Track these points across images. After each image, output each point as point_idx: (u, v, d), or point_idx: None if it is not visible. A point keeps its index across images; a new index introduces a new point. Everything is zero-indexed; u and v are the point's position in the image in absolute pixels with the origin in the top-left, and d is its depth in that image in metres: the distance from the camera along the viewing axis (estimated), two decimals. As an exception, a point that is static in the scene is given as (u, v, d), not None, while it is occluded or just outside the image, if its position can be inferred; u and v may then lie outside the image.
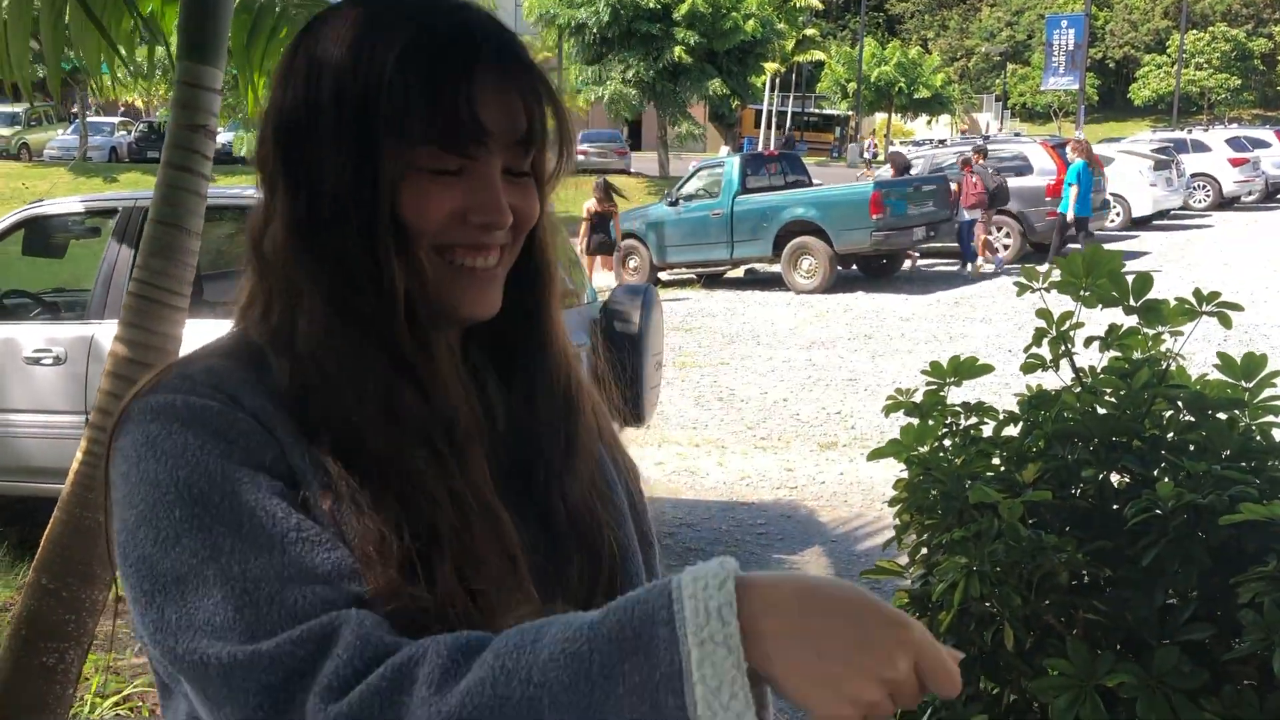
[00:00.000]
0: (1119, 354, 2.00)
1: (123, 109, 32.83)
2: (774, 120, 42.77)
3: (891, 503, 2.04)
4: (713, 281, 15.87)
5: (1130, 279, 1.93)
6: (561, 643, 0.66)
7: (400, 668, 0.68)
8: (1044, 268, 2.08)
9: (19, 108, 35.11)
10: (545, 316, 0.97)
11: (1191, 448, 1.85)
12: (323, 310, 0.85)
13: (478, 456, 0.88)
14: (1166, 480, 1.76)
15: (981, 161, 15.49)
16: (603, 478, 1.00)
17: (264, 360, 0.86)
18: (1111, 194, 17.95)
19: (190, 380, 0.83)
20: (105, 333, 4.76)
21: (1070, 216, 14.63)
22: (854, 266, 15.26)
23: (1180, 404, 1.89)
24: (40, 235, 5.70)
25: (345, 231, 0.85)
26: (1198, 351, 1.99)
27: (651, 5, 28.50)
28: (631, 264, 15.91)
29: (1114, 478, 1.89)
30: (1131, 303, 1.94)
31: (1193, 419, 1.88)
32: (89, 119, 32.47)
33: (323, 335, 0.85)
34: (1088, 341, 1.99)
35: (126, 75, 17.64)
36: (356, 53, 0.85)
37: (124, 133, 33.23)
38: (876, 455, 2.00)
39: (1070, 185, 14.58)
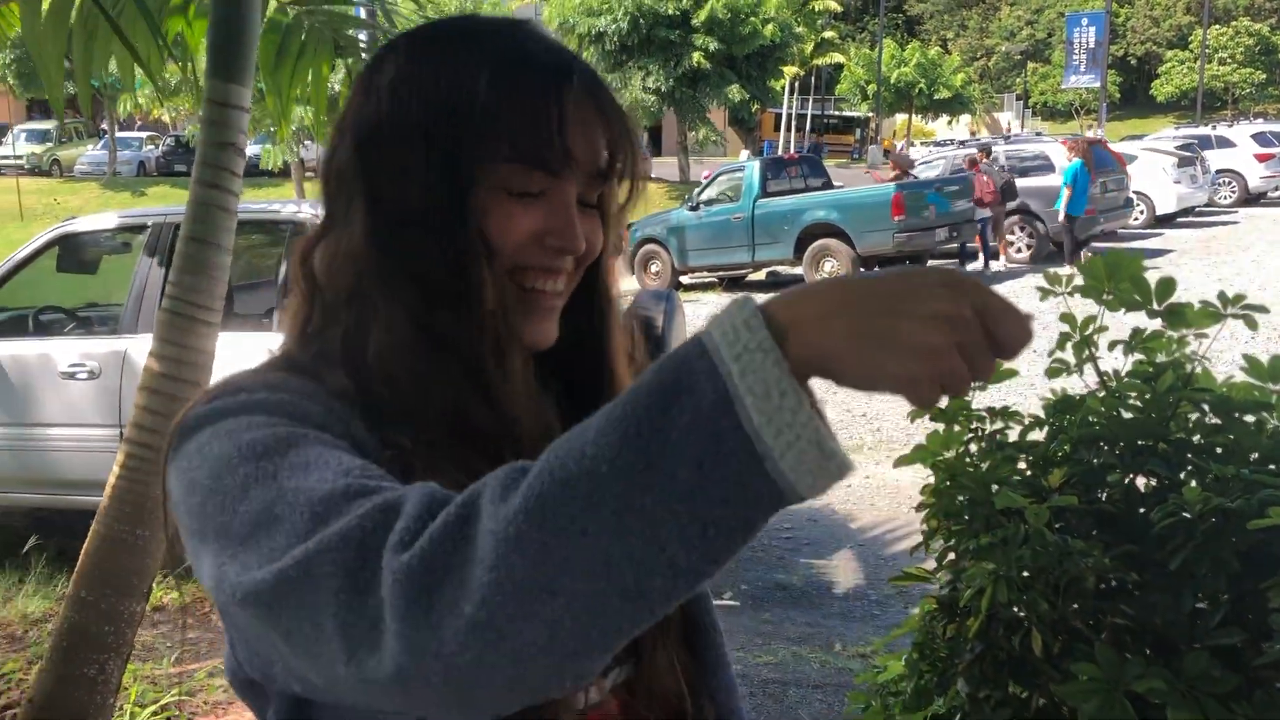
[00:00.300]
0: (1143, 357, 2.00)
1: (140, 124, 33.08)
2: (794, 123, 42.71)
3: (919, 508, 2.06)
4: (734, 285, 15.87)
5: (1153, 282, 1.93)
6: (606, 415, 0.64)
7: (464, 504, 0.66)
8: (1066, 270, 2.08)
9: (50, 124, 35.52)
10: (607, 350, 0.97)
11: (1218, 451, 1.85)
12: (403, 324, 0.85)
13: None
14: (1193, 484, 1.76)
15: (987, 160, 15.56)
16: None
17: (318, 374, 0.86)
18: (1135, 192, 17.82)
19: (244, 390, 0.82)
20: (137, 347, 4.83)
21: (1062, 216, 14.78)
22: (876, 268, 15.23)
23: (1206, 407, 1.89)
24: (73, 252, 5.78)
25: (431, 247, 0.85)
26: (1225, 350, 1.99)
27: (670, 12, 28.54)
28: (653, 268, 15.94)
29: (1140, 481, 1.89)
30: (1155, 306, 1.94)
31: (1219, 422, 1.88)
32: (117, 135, 32.81)
33: (398, 349, 0.85)
34: (1111, 345, 2.00)
35: (153, 92, 17.84)
36: (448, 69, 0.86)
37: (152, 147, 33.59)
38: (903, 462, 2.01)
39: (1066, 186, 14.67)
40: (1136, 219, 18.46)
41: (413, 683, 0.65)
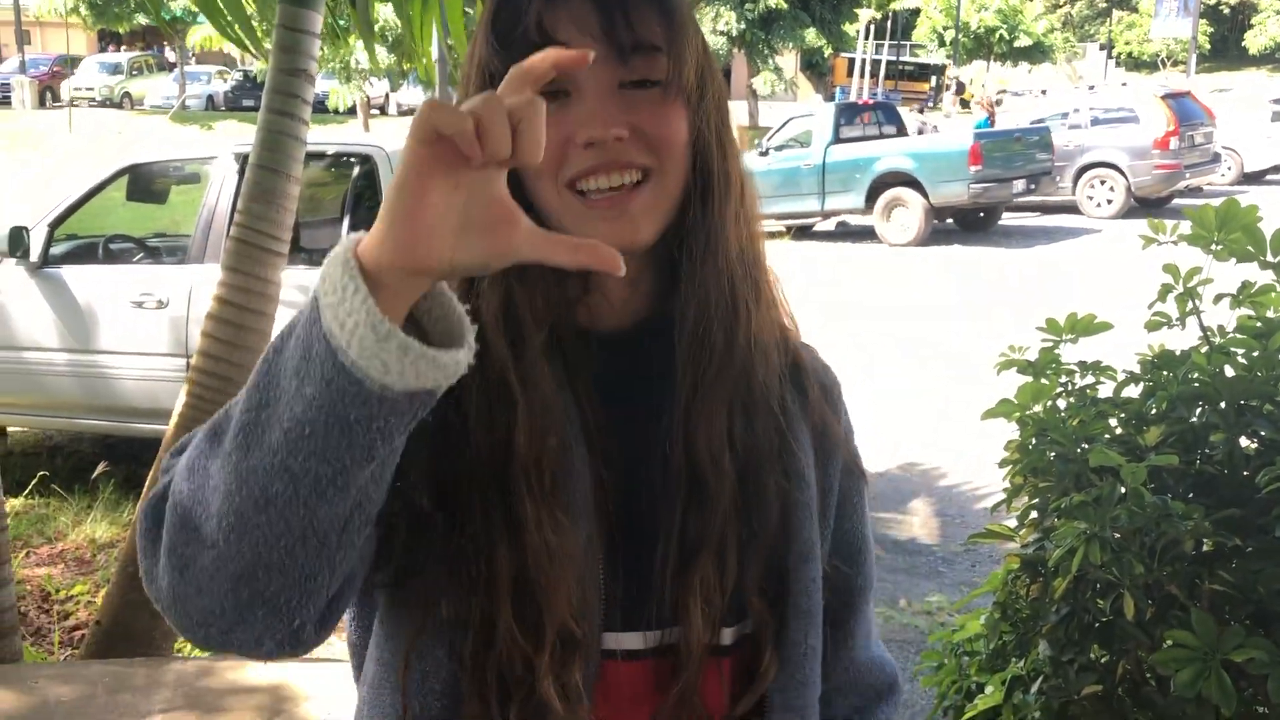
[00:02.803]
0: (1251, 312, 1.89)
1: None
2: (867, 69, 41.88)
3: (1002, 464, 1.97)
4: (802, 234, 15.66)
5: (1269, 234, 1.81)
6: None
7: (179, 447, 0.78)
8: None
9: (122, 57, 35.89)
10: (696, 236, 0.90)
11: (1328, 413, 1.74)
12: None
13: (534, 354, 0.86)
14: (1302, 447, 1.66)
15: None
16: (766, 433, 0.92)
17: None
18: (1223, 147, 17.21)
19: None
20: (204, 276, 4.84)
21: None
22: (949, 220, 14.92)
23: (1320, 366, 1.77)
24: (142, 182, 5.81)
25: None
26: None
27: (746, -50, 27.99)
28: (720, 215, 15.76)
29: (1243, 442, 1.79)
30: (1268, 258, 1.82)
31: (1332, 383, 1.77)
32: (187, 69, 33.09)
33: None
34: (1217, 298, 1.88)
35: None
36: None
37: (221, 82, 33.83)
38: (990, 415, 1.92)
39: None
40: (1223, 175, 17.84)
41: (161, 608, 0.74)
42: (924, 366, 8.08)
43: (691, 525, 0.87)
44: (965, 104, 27.43)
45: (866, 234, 14.79)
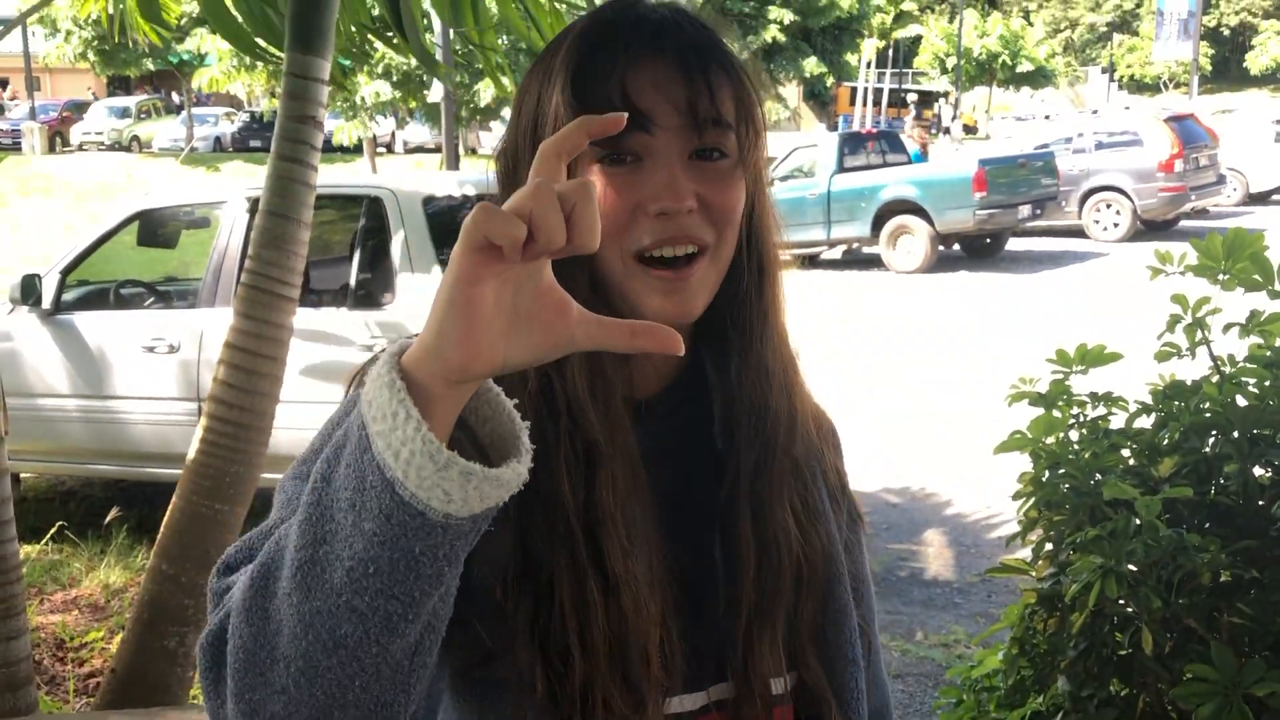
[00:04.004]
0: (1261, 341, 1.89)
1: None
2: (870, 97, 42.06)
3: (1015, 497, 1.96)
4: (809, 263, 15.67)
5: (1277, 262, 1.82)
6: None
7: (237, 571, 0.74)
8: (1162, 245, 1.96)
9: (130, 101, 36.18)
10: (754, 313, 0.92)
11: (1342, 441, 1.74)
12: None
13: (609, 476, 0.84)
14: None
15: None
16: (813, 499, 0.96)
17: None
18: (1228, 168, 17.22)
19: None
20: (215, 320, 4.86)
21: None
22: (955, 246, 14.93)
23: (1331, 394, 1.77)
24: (152, 227, 5.85)
25: None
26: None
27: (745, -16, 28.22)
28: (727, 246, 15.79)
29: (1257, 472, 1.78)
30: (1276, 287, 1.82)
31: (1344, 410, 1.76)
32: (194, 110, 33.33)
33: None
34: (1226, 328, 1.89)
35: (230, 65, 18.01)
36: (539, 67, 0.88)
37: (228, 123, 34.07)
38: (1002, 449, 1.92)
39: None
40: (1228, 196, 17.83)
41: None
42: (932, 394, 8.06)
43: (764, 591, 0.90)
44: (968, 129, 27.63)
45: (873, 262, 14.80)
